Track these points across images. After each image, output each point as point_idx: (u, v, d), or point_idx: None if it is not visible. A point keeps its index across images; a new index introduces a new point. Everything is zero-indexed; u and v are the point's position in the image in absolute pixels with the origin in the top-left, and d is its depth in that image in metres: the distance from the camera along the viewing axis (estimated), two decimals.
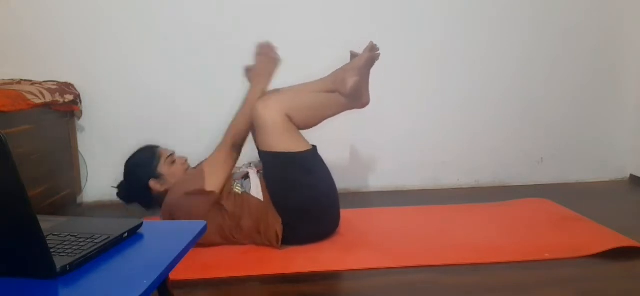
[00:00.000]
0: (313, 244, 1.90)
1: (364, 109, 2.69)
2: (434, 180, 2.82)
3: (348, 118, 2.69)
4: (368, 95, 2.09)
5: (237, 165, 2.02)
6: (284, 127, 1.86)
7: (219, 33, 2.57)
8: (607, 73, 2.85)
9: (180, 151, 2.19)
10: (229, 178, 1.92)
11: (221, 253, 1.82)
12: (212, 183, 1.84)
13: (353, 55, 2.06)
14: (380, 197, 2.65)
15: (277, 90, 1.96)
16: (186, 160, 2.03)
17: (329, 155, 2.70)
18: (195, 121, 2.58)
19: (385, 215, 2.31)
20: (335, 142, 2.72)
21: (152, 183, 1.92)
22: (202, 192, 1.82)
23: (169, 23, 2.54)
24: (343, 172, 2.71)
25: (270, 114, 1.84)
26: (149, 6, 2.52)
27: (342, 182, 2.71)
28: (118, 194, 2.02)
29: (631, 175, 2.93)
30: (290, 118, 1.88)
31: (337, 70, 2.03)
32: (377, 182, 2.77)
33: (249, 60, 2.01)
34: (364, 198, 2.63)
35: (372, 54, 1.98)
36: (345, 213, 2.21)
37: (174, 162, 1.98)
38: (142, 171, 1.93)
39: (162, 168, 1.94)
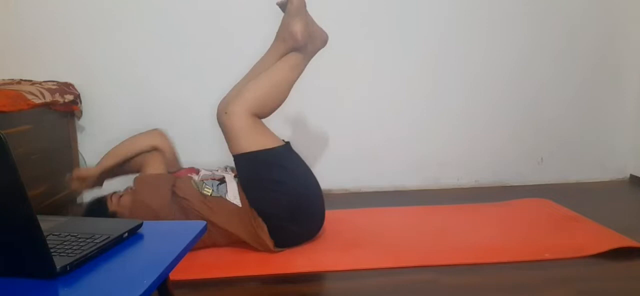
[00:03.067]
0: (311, 244, 1.90)
1: (363, 106, 2.71)
2: (434, 180, 2.82)
3: (348, 118, 2.70)
4: (322, 30, 1.99)
5: (212, 168, 1.99)
6: (252, 128, 1.82)
7: (220, 33, 2.57)
8: (607, 73, 2.85)
9: (180, 151, 2.18)
10: (188, 179, 1.89)
11: (221, 253, 1.82)
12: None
13: (281, 5, 1.95)
14: (380, 197, 2.64)
15: (237, 91, 1.90)
16: (128, 187, 1.96)
17: (328, 155, 2.71)
18: (196, 121, 2.58)
19: (385, 215, 2.31)
20: (336, 142, 2.73)
21: None
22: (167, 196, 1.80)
23: (169, 23, 2.54)
24: (343, 171, 2.71)
25: (236, 120, 1.80)
26: (149, 6, 2.52)
27: (342, 182, 2.72)
28: None
29: (631, 175, 2.93)
30: (258, 114, 1.84)
31: (278, 31, 1.94)
32: (377, 182, 2.77)
33: (249, 61, 2.01)
34: (364, 198, 2.63)
35: None
36: (346, 213, 2.22)
37: (120, 196, 1.91)
38: None
39: (113, 207, 1.88)
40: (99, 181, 1.99)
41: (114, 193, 1.96)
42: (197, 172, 1.97)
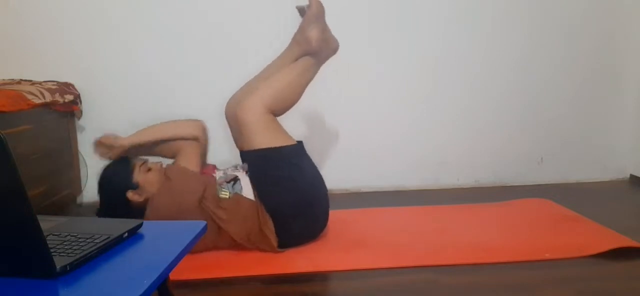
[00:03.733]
0: (312, 244, 1.89)
1: (362, 106, 2.71)
2: (434, 180, 2.82)
3: (348, 118, 2.70)
4: (334, 39, 2.02)
5: (221, 168, 1.97)
6: (267, 124, 1.84)
7: (221, 33, 2.56)
8: (607, 73, 2.84)
9: None
10: (214, 183, 1.84)
11: (221, 253, 1.82)
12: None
13: (300, 10, 1.98)
14: (380, 197, 2.64)
15: (251, 88, 1.91)
16: (161, 165, 1.88)
17: (328, 154, 2.71)
18: None
19: (385, 215, 2.31)
20: (336, 142, 2.73)
21: (131, 195, 1.77)
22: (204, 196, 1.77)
23: (169, 23, 2.54)
24: (343, 171, 2.71)
25: (252, 114, 1.81)
26: (149, 6, 2.52)
27: (342, 182, 2.71)
28: (98, 215, 1.86)
29: (631, 175, 2.93)
30: (272, 111, 1.85)
31: (295, 34, 1.98)
32: (377, 182, 2.77)
33: (252, 61, 2.02)
34: (364, 198, 2.63)
35: None
36: (345, 213, 2.22)
37: (149, 169, 1.83)
38: (118, 184, 1.78)
39: (138, 176, 1.79)
40: (125, 154, 1.87)
41: (144, 162, 1.85)
42: (214, 170, 1.96)
